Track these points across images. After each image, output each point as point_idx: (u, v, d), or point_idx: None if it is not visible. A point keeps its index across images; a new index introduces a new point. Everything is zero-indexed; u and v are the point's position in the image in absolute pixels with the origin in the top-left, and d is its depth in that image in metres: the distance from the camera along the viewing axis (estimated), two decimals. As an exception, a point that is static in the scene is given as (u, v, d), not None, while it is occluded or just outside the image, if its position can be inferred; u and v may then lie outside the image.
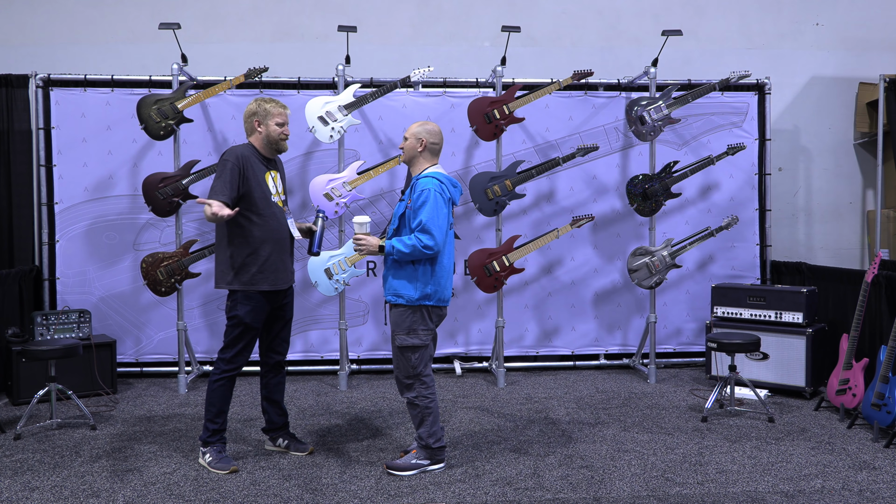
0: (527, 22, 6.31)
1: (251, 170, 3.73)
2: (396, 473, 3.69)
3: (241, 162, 3.70)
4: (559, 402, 5.10)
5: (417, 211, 3.59)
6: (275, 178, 3.86)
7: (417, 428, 3.73)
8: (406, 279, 3.63)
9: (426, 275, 3.63)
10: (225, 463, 3.76)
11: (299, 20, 6.44)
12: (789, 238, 6.74)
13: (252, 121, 3.82)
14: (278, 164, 3.98)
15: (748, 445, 4.14)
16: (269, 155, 3.88)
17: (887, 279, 4.79)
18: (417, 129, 3.76)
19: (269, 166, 3.87)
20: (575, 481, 3.61)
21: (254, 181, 3.72)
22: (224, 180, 3.66)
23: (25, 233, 5.86)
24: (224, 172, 3.68)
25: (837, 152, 6.80)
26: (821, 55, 6.75)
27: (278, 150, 3.88)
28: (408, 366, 3.67)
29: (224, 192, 3.63)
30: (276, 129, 3.81)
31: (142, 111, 5.26)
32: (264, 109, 3.81)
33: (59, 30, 6.29)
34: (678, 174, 5.70)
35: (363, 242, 3.66)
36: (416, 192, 3.64)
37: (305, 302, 5.96)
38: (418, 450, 3.75)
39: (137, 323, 5.87)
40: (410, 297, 3.62)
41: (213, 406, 3.79)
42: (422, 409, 3.69)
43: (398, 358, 3.69)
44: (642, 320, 6.10)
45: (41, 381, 4.73)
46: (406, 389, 3.71)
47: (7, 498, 3.44)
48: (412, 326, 3.65)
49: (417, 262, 3.62)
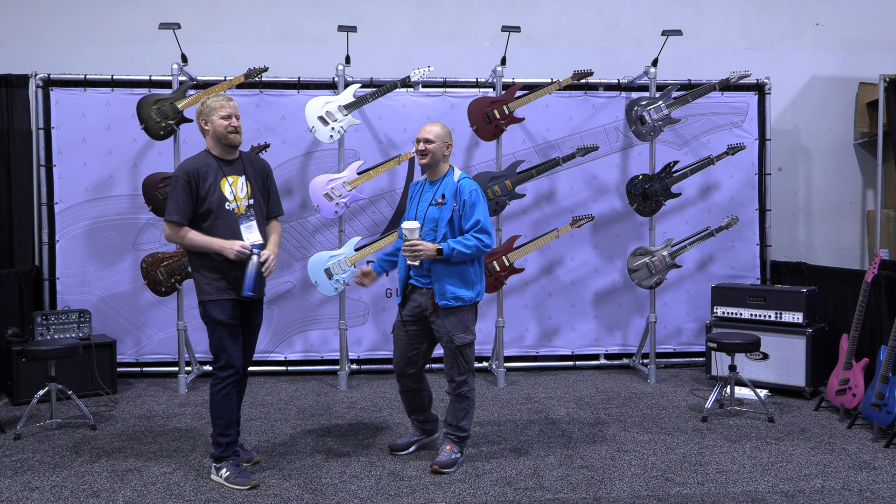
0: (527, 22, 6.31)
1: (203, 181, 3.57)
2: (447, 471, 3.71)
3: (189, 177, 3.55)
4: (559, 402, 5.11)
5: (470, 212, 3.67)
6: (234, 184, 3.64)
7: (459, 421, 3.81)
8: (461, 281, 3.69)
9: (478, 274, 3.78)
10: (244, 478, 3.56)
11: (299, 20, 6.44)
12: (789, 238, 6.74)
13: (200, 123, 3.64)
14: (245, 165, 3.73)
15: (748, 445, 4.14)
16: (225, 156, 3.67)
17: (887, 279, 4.79)
18: (441, 132, 3.74)
19: (229, 171, 3.65)
20: (575, 481, 3.61)
21: (204, 192, 3.57)
22: (175, 198, 3.56)
23: (25, 233, 5.86)
24: (175, 190, 3.56)
25: (837, 152, 6.80)
26: (821, 55, 6.75)
27: (230, 144, 3.62)
28: (465, 362, 3.77)
29: (175, 211, 3.54)
30: (222, 122, 3.58)
31: (142, 111, 5.26)
32: (207, 107, 3.61)
33: (59, 30, 6.29)
34: (678, 174, 5.70)
35: (420, 248, 3.58)
36: (463, 194, 3.69)
37: (305, 302, 5.96)
38: (452, 444, 3.82)
39: (137, 323, 5.87)
40: (470, 297, 3.72)
41: (220, 419, 3.60)
42: (471, 402, 3.83)
43: (455, 357, 3.74)
44: (642, 320, 6.10)
45: (41, 381, 4.73)
46: (460, 385, 3.79)
47: (7, 498, 3.44)
48: (468, 325, 3.77)
49: (469, 263, 3.71)
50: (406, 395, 3.97)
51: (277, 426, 4.54)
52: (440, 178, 3.76)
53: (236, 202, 3.64)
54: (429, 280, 3.73)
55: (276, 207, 3.90)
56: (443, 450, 3.82)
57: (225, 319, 3.59)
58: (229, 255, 3.53)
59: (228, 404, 3.61)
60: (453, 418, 3.83)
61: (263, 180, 3.81)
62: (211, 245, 3.55)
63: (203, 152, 3.68)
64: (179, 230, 3.59)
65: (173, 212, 3.56)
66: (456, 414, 3.82)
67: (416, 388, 3.95)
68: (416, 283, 3.78)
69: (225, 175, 3.64)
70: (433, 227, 3.72)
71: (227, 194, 3.62)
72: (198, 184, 3.57)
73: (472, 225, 3.67)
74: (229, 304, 3.60)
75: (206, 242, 3.56)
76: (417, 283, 3.78)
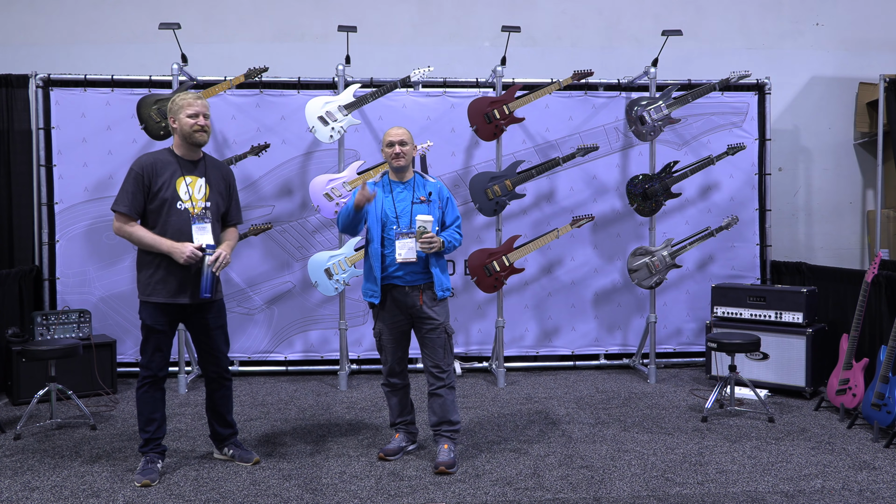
0: (527, 22, 6.31)
1: (156, 177, 3.52)
2: (452, 471, 3.74)
3: (144, 170, 3.51)
4: (559, 402, 5.10)
5: (451, 209, 3.94)
6: (191, 184, 3.58)
7: (451, 415, 3.89)
8: (445, 272, 3.89)
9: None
10: (142, 474, 3.58)
11: (299, 20, 6.44)
12: (789, 238, 6.74)
13: (170, 120, 3.60)
14: (208, 167, 3.68)
15: (748, 445, 4.14)
16: (187, 155, 3.62)
17: (887, 279, 4.79)
18: (409, 135, 3.94)
19: (188, 171, 3.60)
20: (575, 481, 3.61)
21: (157, 188, 3.52)
22: (125, 190, 3.51)
23: (25, 233, 5.86)
24: (126, 182, 3.52)
25: (837, 152, 6.80)
26: (821, 55, 6.75)
27: (195, 143, 3.57)
28: (451, 351, 3.91)
29: (123, 203, 3.50)
30: (189, 121, 3.53)
31: (142, 111, 5.26)
32: (176, 104, 3.56)
33: (59, 30, 6.29)
34: (678, 174, 5.70)
35: (434, 240, 3.74)
36: (444, 192, 3.94)
37: (305, 302, 5.96)
38: (449, 442, 3.88)
39: (137, 323, 5.83)
40: (450, 287, 3.92)
41: (140, 415, 3.65)
42: (454, 392, 3.93)
43: (445, 346, 3.86)
44: (642, 320, 6.10)
45: (41, 381, 4.73)
46: (450, 375, 3.89)
47: (7, 498, 3.44)
48: (450, 313, 3.98)
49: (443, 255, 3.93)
50: (396, 394, 4.02)
51: (277, 426, 4.54)
52: (411, 179, 3.91)
53: (191, 202, 3.58)
54: (419, 276, 3.80)
55: (237, 215, 3.85)
56: (441, 450, 3.83)
57: (152, 324, 3.57)
58: (178, 258, 3.48)
59: (146, 402, 3.63)
60: (444, 413, 3.88)
61: (226, 185, 3.76)
62: (159, 245, 3.50)
63: (165, 149, 3.64)
64: (126, 223, 3.53)
65: (121, 203, 3.51)
66: (446, 408, 3.88)
67: (404, 384, 4.02)
68: (397, 282, 3.81)
69: (183, 174, 3.59)
70: None
71: (182, 194, 3.56)
72: (151, 179, 3.52)
73: (453, 220, 3.93)
74: (160, 309, 3.56)
75: (155, 242, 3.50)
76: (398, 283, 3.81)
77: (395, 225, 3.80)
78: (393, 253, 3.79)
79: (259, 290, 5.92)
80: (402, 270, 3.79)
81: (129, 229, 3.53)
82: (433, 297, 3.83)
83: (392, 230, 3.80)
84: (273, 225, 5.73)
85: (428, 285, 3.83)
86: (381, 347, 3.96)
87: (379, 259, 3.80)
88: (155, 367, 3.62)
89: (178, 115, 3.55)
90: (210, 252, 3.54)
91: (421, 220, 3.71)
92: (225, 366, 3.84)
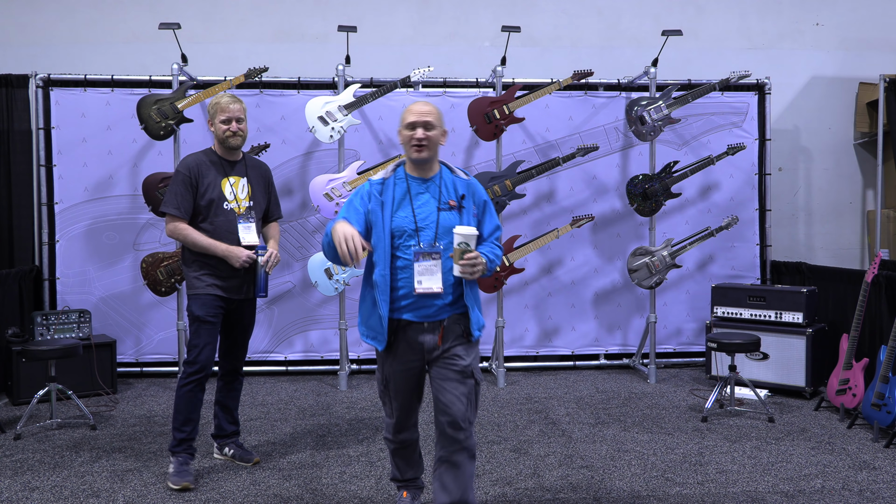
0: (527, 22, 6.31)
1: (202, 178, 3.61)
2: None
3: (191, 171, 3.60)
4: (559, 402, 5.10)
5: (488, 217, 2.95)
6: (234, 185, 3.68)
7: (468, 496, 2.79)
8: (479, 303, 2.94)
9: None
10: (179, 476, 3.52)
11: (299, 20, 6.44)
12: (789, 238, 6.74)
13: (208, 123, 3.72)
14: (248, 167, 3.77)
15: (748, 445, 4.14)
16: (227, 156, 3.71)
17: (887, 279, 4.79)
18: (438, 112, 2.94)
19: (230, 171, 3.69)
20: (575, 481, 3.61)
21: (203, 189, 3.60)
22: (173, 192, 3.59)
23: (25, 233, 5.86)
24: (174, 184, 3.60)
25: (837, 152, 6.80)
26: (821, 55, 6.75)
27: (229, 147, 3.67)
28: (476, 406, 2.88)
29: (174, 204, 3.58)
30: (221, 126, 3.62)
31: (142, 111, 5.26)
32: (213, 107, 3.65)
33: (59, 30, 6.29)
34: (678, 174, 5.70)
35: (479, 262, 2.72)
36: (480, 194, 2.95)
37: (305, 302, 5.96)
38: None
39: (137, 323, 5.87)
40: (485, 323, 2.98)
41: (179, 413, 3.60)
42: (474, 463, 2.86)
43: (470, 398, 2.82)
44: (642, 320, 6.10)
45: (41, 381, 4.73)
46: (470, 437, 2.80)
47: (7, 498, 3.44)
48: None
49: None
50: (404, 451, 3.07)
51: (277, 426, 4.54)
52: (437, 175, 2.91)
53: (236, 202, 3.67)
54: (442, 308, 2.81)
55: (277, 210, 3.97)
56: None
57: (203, 315, 3.60)
58: (234, 263, 3.59)
59: (189, 401, 3.60)
60: (462, 493, 2.77)
61: (265, 184, 3.86)
62: (215, 249, 3.59)
63: (209, 149, 3.74)
64: (179, 225, 3.60)
65: (170, 204, 3.59)
66: (464, 485, 2.78)
67: (413, 439, 3.06)
68: (410, 316, 2.80)
69: (226, 175, 3.68)
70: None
71: (227, 194, 3.66)
72: (198, 179, 3.60)
73: (492, 231, 2.95)
74: (212, 301, 3.62)
75: (211, 245, 3.59)
76: (411, 317, 2.80)
77: (415, 240, 2.78)
78: (409, 280, 2.77)
79: (259, 290, 5.92)
80: (418, 301, 2.80)
81: (183, 231, 3.59)
82: (462, 336, 2.84)
83: (409, 248, 2.78)
84: (273, 225, 5.73)
85: (456, 319, 2.84)
86: (387, 398, 2.97)
87: (387, 290, 2.78)
88: (204, 359, 3.59)
89: (214, 119, 3.65)
90: (262, 253, 3.65)
91: (462, 233, 2.69)
92: (244, 361, 3.92)
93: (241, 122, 3.67)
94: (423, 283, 2.73)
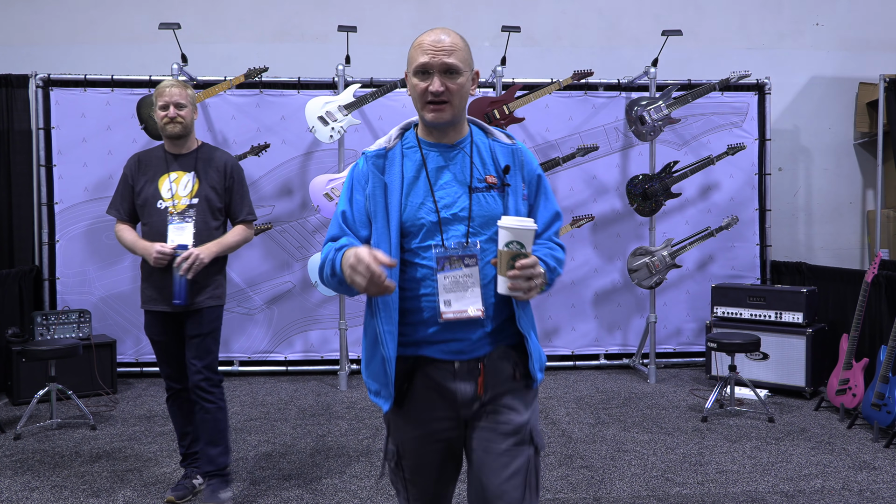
0: (527, 22, 6.31)
1: (140, 176, 3.29)
2: None
3: (130, 170, 3.32)
4: (559, 402, 5.10)
5: (543, 201, 2.02)
6: (176, 181, 3.25)
7: None
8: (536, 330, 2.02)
9: None
10: (171, 489, 3.40)
11: (299, 20, 6.44)
12: (789, 238, 6.74)
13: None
14: (199, 160, 3.29)
15: (748, 445, 4.14)
16: (173, 149, 3.30)
17: (887, 279, 4.79)
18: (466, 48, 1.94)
19: (175, 166, 3.27)
20: (575, 481, 3.61)
21: (140, 187, 3.28)
22: (116, 192, 3.36)
23: (25, 233, 5.86)
24: (118, 184, 3.36)
25: (837, 152, 6.80)
26: (821, 55, 6.75)
27: (169, 136, 3.24)
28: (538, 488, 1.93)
29: (112, 205, 3.35)
30: (159, 113, 3.21)
31: (142, 111, 5.26)
32: (154, 93, 3.26)
33: (59, 30, 6.29)
34: (678, 174, 5.70)
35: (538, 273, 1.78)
36: (531, 168, 1.98)
37: (305, 302, 5.96)
38: None
39: (137, 323, 5.86)
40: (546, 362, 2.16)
41: (174, 427, 3.52)
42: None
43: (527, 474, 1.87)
44: (642, 320, 6.10)
45: (41, 381, 4.72)
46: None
47: (7, 498, 3.44)
48: None
49: None
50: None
51: (277, 426, 4.54)
52: (464, 139, 1.95)
53: (173, 200, 3.23)
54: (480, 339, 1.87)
55: (241, 210, 3.36)
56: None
57: (148, 334, 3.37)
58: (149, 259, 3.19)
59: (173, 415, 3.49)
60: None
61: (221, 178, 3.30)
62: (135, 246, 3.27)
63: (159, 145, 3.37)
64: (117, 227, 3.36)
65: (111, 206, 3.38)
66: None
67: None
68: (432, 352, 1.87)
69: (168, 170, 3.27)
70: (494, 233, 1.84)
71: (164, 191, 3.25)
72: (134, 178, 3.31)
73: (549, 221, 2.02)
74: (154, 318, 3.30)
75: (131, 243, 3.29)
76: (435, 354, 1.87)
77: (437, 239, 1.86)
78: (431, 300, 1.85)
79: (259, 290, 5.92)
80: (445, 331, 1.85)
81: (118, 233, 3.36)
82: (514, 379, 1.90)
83: (430, 251, 1.85)
84: (273, 225, 5.73)
85: (503, 354, 1.90)
86: (400, 481, 1.98)
87: (394, 315, 1.86)
88: (166, 375, 3.42)
89: (155, 108, 3.24)
90: (179, 253, 3.10)
91: (511, 227, 1.75)
92: (198, 381, 3.25)
93: (182, 108, 3.20)
94: (451, 303, 1.81)
